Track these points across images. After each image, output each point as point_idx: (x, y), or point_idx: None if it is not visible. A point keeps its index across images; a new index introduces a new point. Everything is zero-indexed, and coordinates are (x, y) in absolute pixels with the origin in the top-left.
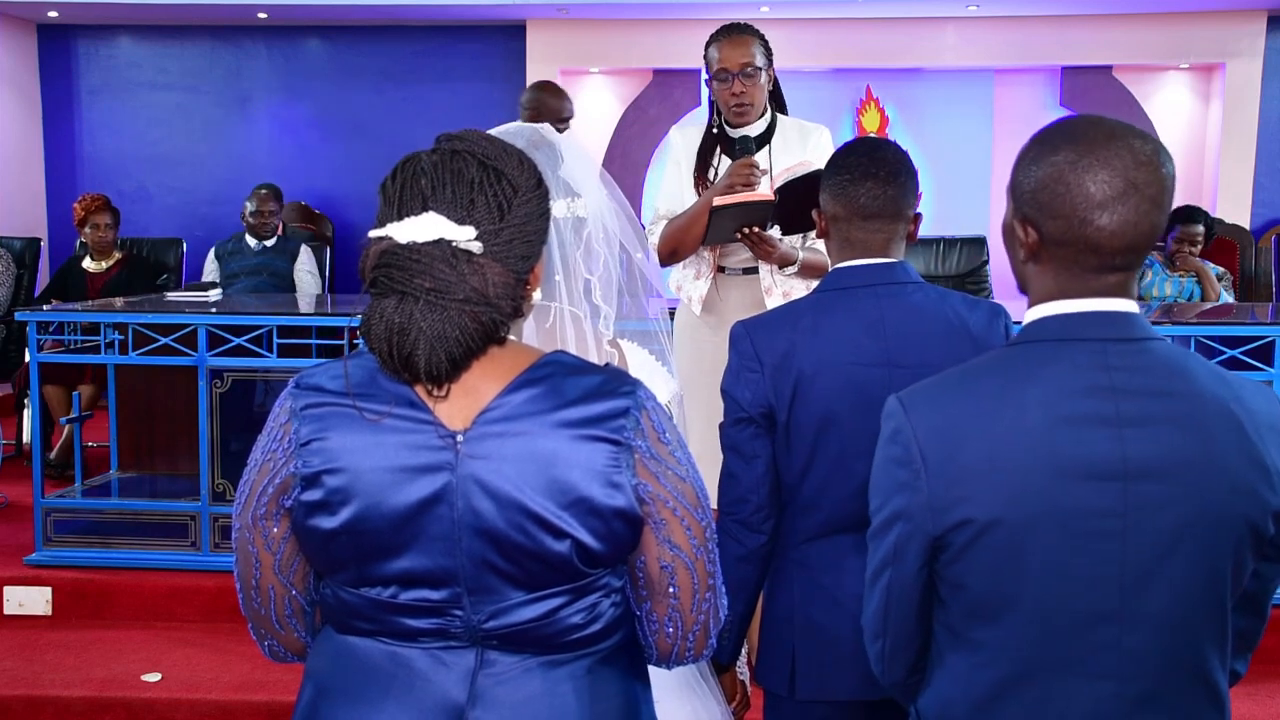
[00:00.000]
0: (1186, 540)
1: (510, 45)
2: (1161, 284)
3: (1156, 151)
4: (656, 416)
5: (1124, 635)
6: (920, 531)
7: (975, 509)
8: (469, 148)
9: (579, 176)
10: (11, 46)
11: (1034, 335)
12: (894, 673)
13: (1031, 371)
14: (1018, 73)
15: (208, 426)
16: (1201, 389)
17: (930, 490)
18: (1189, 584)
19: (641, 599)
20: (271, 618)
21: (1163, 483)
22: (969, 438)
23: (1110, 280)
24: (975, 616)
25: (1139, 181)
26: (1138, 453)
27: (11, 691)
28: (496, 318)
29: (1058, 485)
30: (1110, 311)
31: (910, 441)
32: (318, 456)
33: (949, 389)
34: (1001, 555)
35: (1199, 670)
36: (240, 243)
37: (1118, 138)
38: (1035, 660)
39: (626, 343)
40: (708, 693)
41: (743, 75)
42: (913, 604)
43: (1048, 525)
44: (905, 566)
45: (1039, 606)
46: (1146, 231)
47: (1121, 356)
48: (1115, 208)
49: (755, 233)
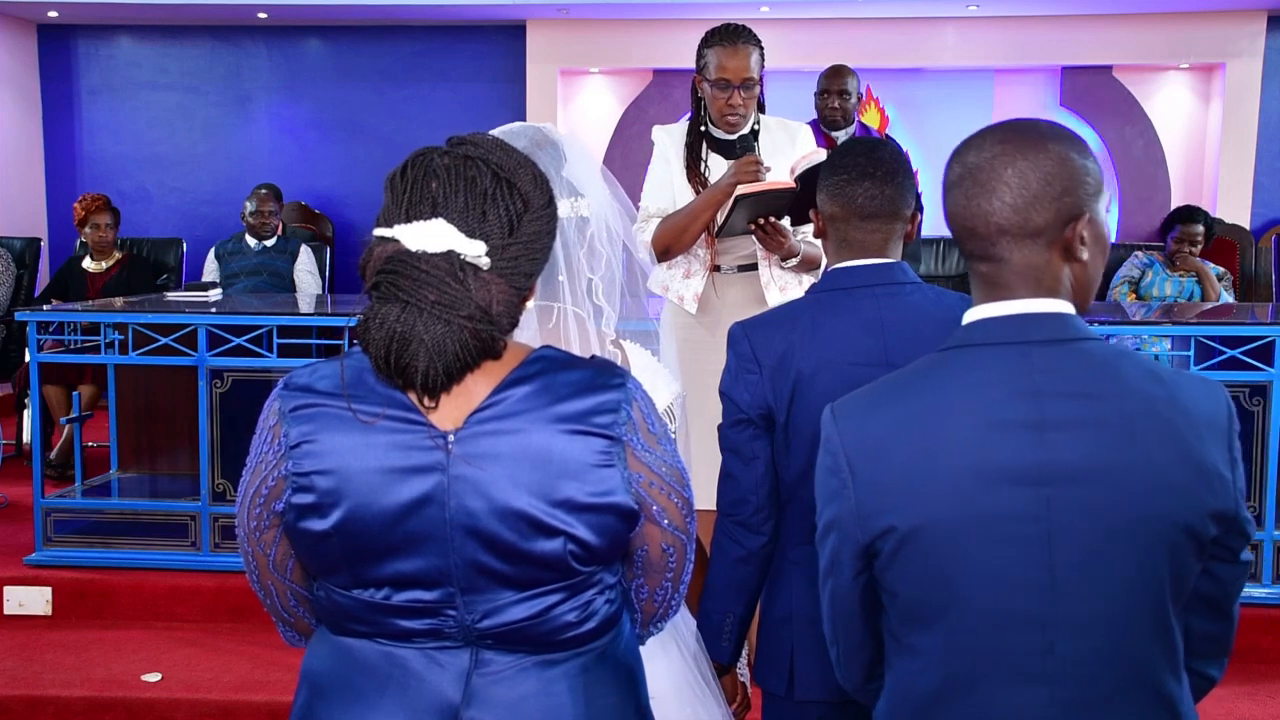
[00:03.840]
0: (1114, 543)
1: (510, 45)
2: (1161, 284)
3: (963, 146)
4: (645, 406)
5: (1057, 641)
6: (850, 540)
7: (898, 517)
8: (483, 155)
9: (583, 176)
10: (11, 46)
11: (962, 340)
12: (851, 678)
13: (956, 377)
14: (1018, 73)
15: (208, 426)
16: (1133, 390)
17: (857, 499)
18: (1121, 587)
19: (635, 576)
20: (279, 608)
21: (1086, 486)
22: (892, 446)
23: (987, 270)
24: (911, 623)
25: (972, 169)
26: (1060, 456)
27: (11, 691)
28: (496, 334)
29: (979, 490)
30: (1039, 313)
31: (838, 451)
32: (308, 458)
33: (876, 397)
34: (927, 562)
35: (1143, 676)
36: (240, 243)
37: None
38: (970, 666)
39: (629, 344)
40: (709, 694)
41: (742, 88)
42: (854, 611)
43: (971, 531)
44: (842, 574)
45: (969, 613)
46: (977, 214)
47: (1046, 359)
48: (955, 192)
49: (770, 223)
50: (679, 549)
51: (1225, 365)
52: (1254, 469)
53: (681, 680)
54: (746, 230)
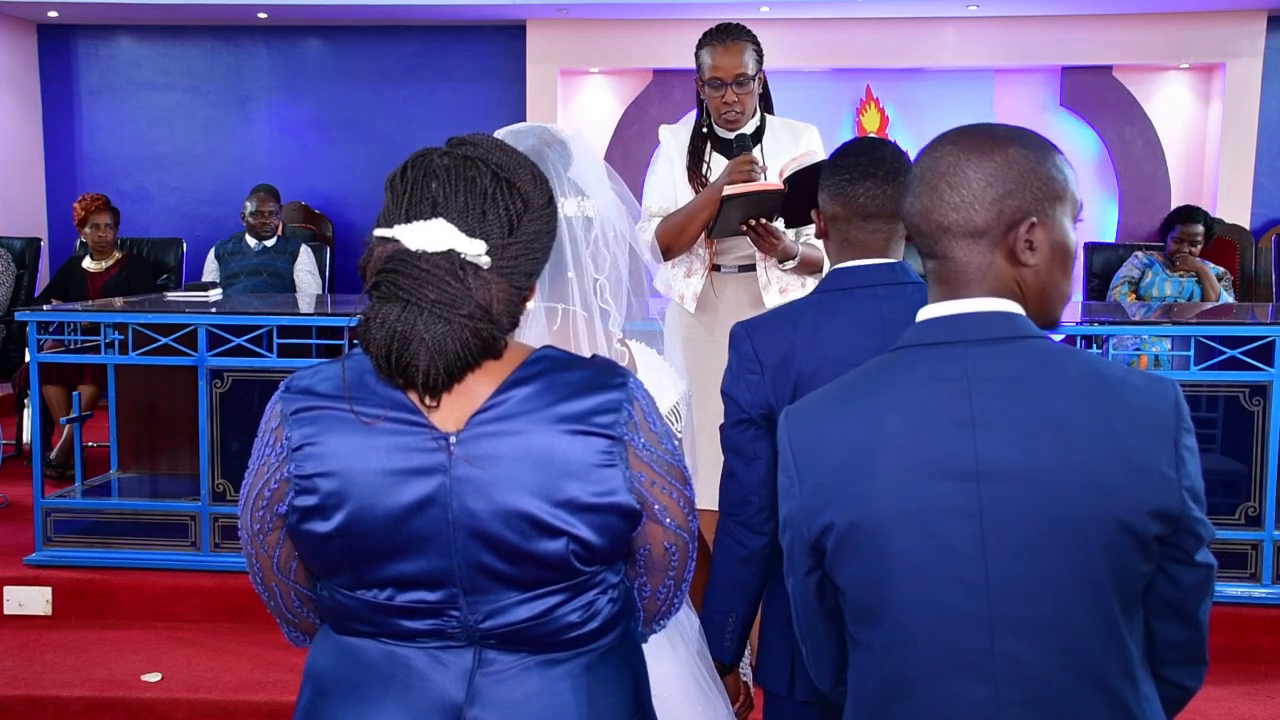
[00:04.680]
0: (1048, 542)
1: (510, 45)
2: (1161, 284)
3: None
4: (646, 405)
5: (996, 639)
6: (800, 538)
7: (836, 513)
8: (483, 155)
9: (589, 177)
10: (11, 46)
11: (908, 340)
12: (822, 678)
13: (895, 376)
14: (1018, 73)
15: (208, 426)
16: (1069, 388)
17: (803, 497)
18: (1059, 587)
19: (638, 574)
20: (283, 608)
21: (1016, 483)
22: (831, 444)
23: (935, 268)
24: (859, 620)
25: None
26: (991, 453)
27: (11, 691)
28: (497, 333)
29: (912, 487)
30: (980, 312)
31: (787, 450)
32: (310, 461)
33: (826, 398)
34: (866, 559)
35: (1090, 677)
36: (240, 243)
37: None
38: (914, 664)
39: (635, 343)
40: (712, 693)
41: (735, 85)
42: (814, 609)
43: (904, 527)
44: (796, 571)
45: (910, 610)
46: (920, 212)
47: (983, 358)
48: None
49: (761, 224)
50: (681, 547)
51: (1225, 365)
52: (1254, 469)
53: (686, 679)
54: (739, 231)
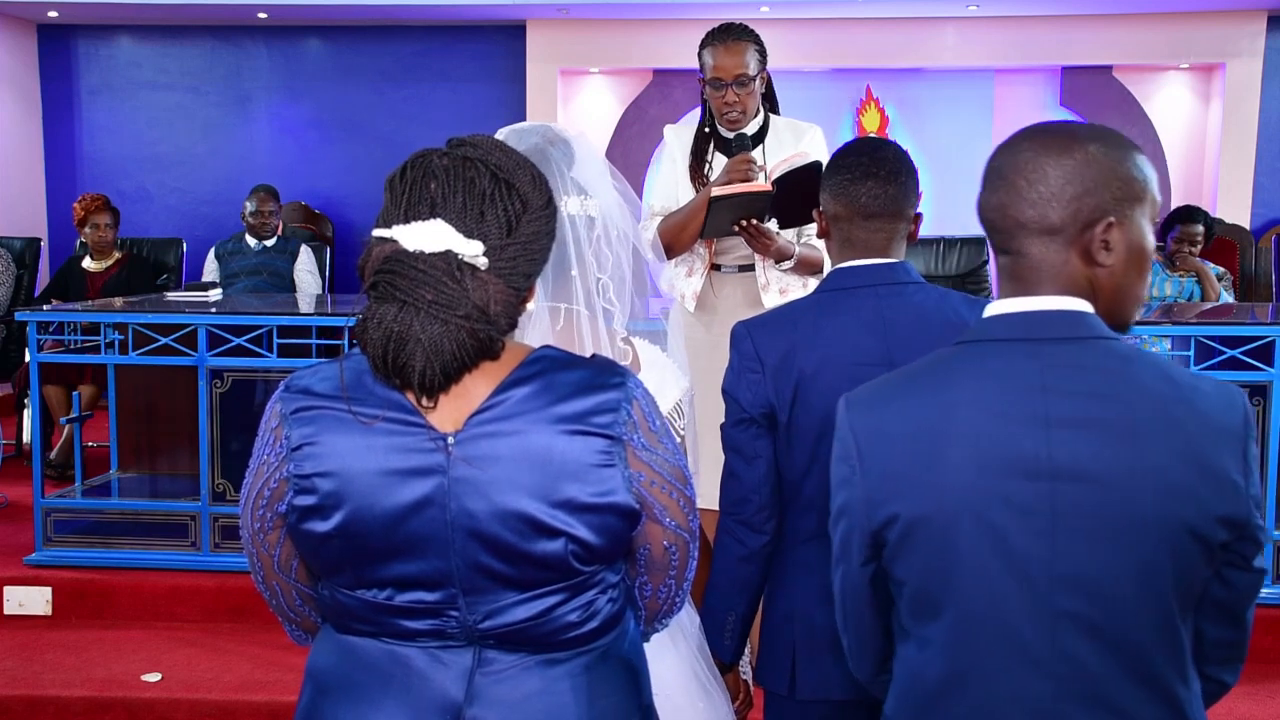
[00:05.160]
0: (1116, 543)
1: (510, 45)
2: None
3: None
4: (646, 405)
5: (1058, 637)
6: (859, 528)
7: (903, 505)
8: (482, 156)
9: (591, 176)
10: (11, 46)
11: (976, 335)
12: (863, 669)
13: (967, 371)
14: (1018, 73)
15: (208, 426)
16: (1143, 391)
17: (865, 486)
18: (1122, 588)
19: (639, 574)
20: (284, 607)
21: (1089, 484)
22: (899, 435)
23: (1007, 264)
24: (917, 613)
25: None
26: (1065, 453)
27: (11, 691)
28: (494, 334)
29: (985, 483)
30: (1053, 310)
31: (848, 438)
32: (309, 461)
33: (890, 388)
34: (931, 552)
35: (1148, 677)
36: (240, 243)
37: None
38: (974, 659)
39: (639, 340)
40: (712, 691)
41: (736, 85)
42: (864, 600)
43: (973, 522)
44: (851, 562)
45: (973, 604)
46: (996, 206)
47: (1057, 356)
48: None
49: (753, 225)
50: (682, 547)
51: (1225, 365)
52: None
53: (687, 676)
54: (730, 231)
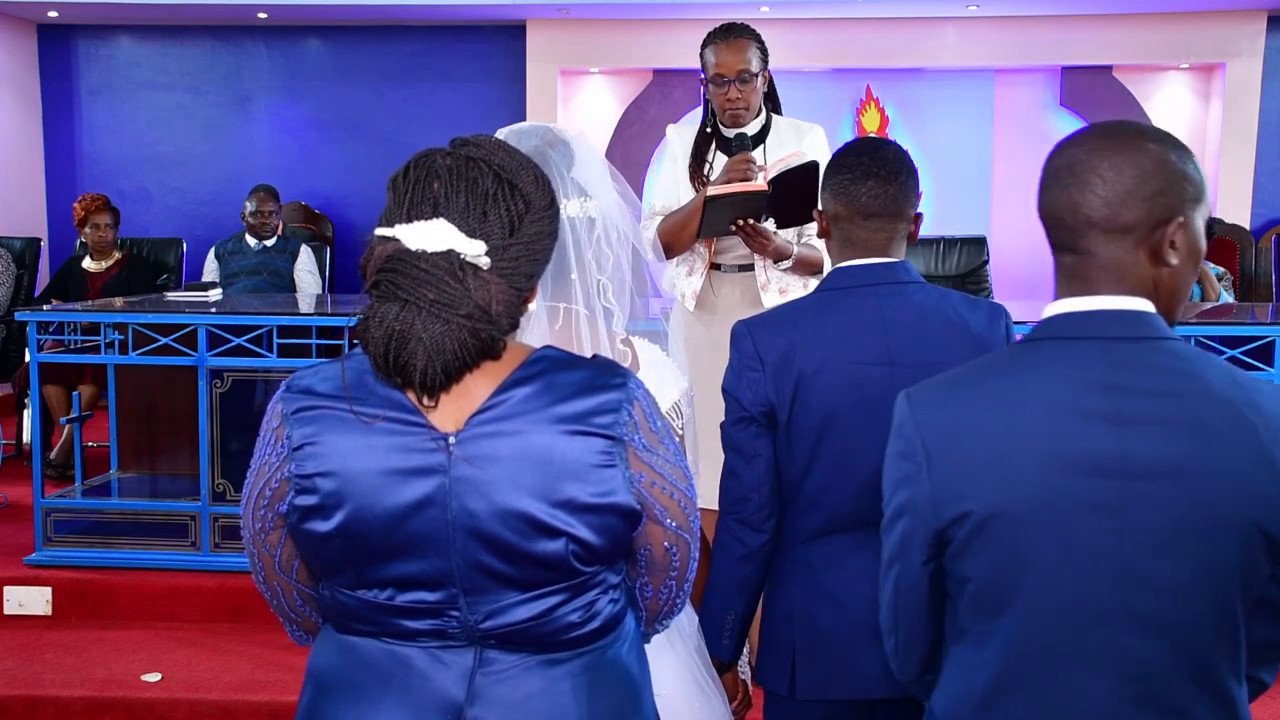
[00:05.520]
0: (1186, 542)
1: (510, 45)
2: None
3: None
4: (646, 405)
5: (1123, 635)
6: (924, 525)
7: (975, 502)
8: (485, 156)
9: (591, 177)
10: (11, 46)
11: (1042, 333)
12: (907, 670)
13: (1036, 368)
14: (1018, 73)
15: (208, 426)
16: (1212, 391)
17: (933, 483)
18: (1190, 587)
19: (639, 574)
20: (285, 607)
21: (1162, 483)
22: (971, 432)
23: (1071, 263)
24: (979, 611)
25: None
26: (1138, 451)
27: (11, 691)
28: (495, 334)
29: (1057, 480)
30: (1120, 310)
31: (914, 435)
32: (310, 461)
33: (954, 385)
34: (1002, 548)
35: (1206, 675)
36: (240, 243)
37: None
38: (1036, 656)
39: (638, 340)
40: (710, 692)
41: (738, 81)
42: (921, 599)
43: (1046, 520)
44: (911, 561)
45: (1039, 601)
46: (1067, 204)
47: (1126, 355)
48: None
49: (750, 225)
50: (683, 548)
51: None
52: None
53: (684, 677)
54: (727, 231)
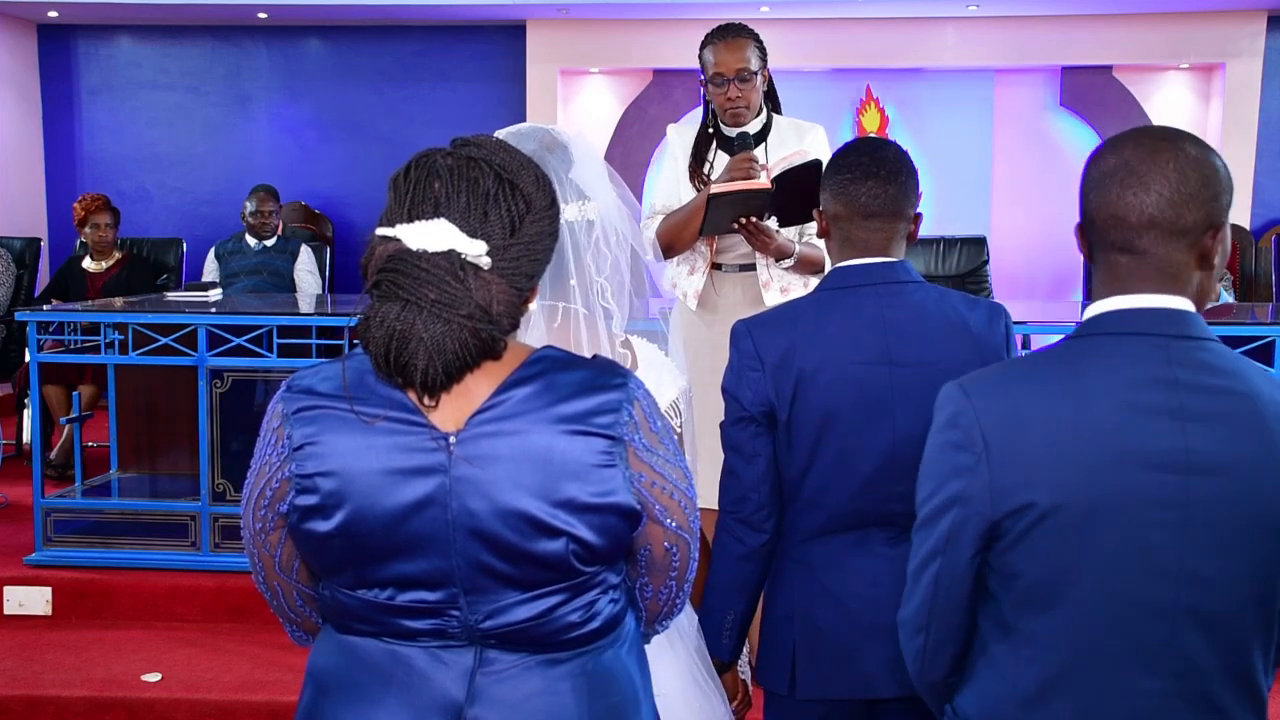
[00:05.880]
0: (1242, 539)
1: (510, 45)
2: None
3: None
4: (647, 405)
5: (1175, 632)
6: (978, 516)
7: (1038, 494)
8: (486, 156)
9: (590, 179)
10: (11, 46)
11: (1093, 329)
12: (934, 670)
13: (1095, 362)
14: (1018, 73)
15: (208, 426)
16: (1260, 391)
17: (992, 474)
18: (1242, 583)
19: (639, 574)
20: (285, 608)
21: (1223, 478)
22: (1033, 423)
23: (1126, 262)
24: (1028, 607)
25: (1136, 166)
26: (1200, 446)
27: (11, 691)
28: (496, 334)
29: (1121, 473)
30: (1168, 309)
31: (972, 425)
32: (311, 460)
33: (1010, 376)
34: (1061, 541)
35: (1244, 673)
36: (240, 243)
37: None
38: (1087, 654)
39: (637, 340)
40: (710, 691)
41: (738, 80)
42: (962, 595)
43: (1109, 513)
44: (959, 554)
45: (1094, 597)
46: (1131, 204)
47: (1182, 352)
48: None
49: (752, 223)
50: (683, 548)
51: None
52: None
53: (685, 677)
54: (730, 229)
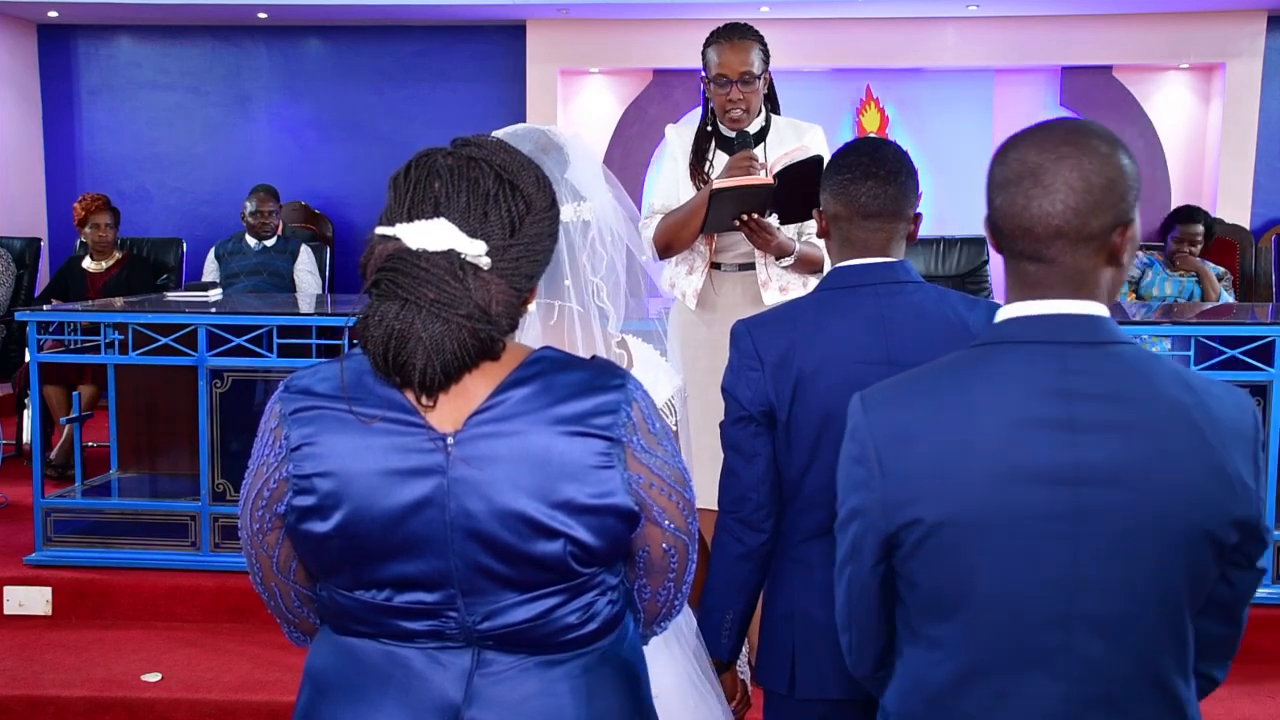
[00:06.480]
0: (1136, 547)
1: (510, 45)
2: (1162, 284)
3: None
4: (645, 406)
5: (1074, 639)
6: (874, 529)
7: (925, 509)
8: (486, 156)
9: (586, 179)
10: (11, 46)
11: (996, 337)
12: (861, 666)
13: (988, 373)
14: (1018, 73)
15: (208, 426)
16: (1163, 395)
17: (883, 489)
18: (1140, 590)
19: (637, 576)
20: (283, 609)
21: (1113, 488)
22: (920, 438)
23: (1034, 271)
24: (929, 614)
25: (1038, 168)
26: (1089, 458)
27: (11, 691)
28: (495, 334)
29: (1007, 488)
30: (1075, 314)
31: (866, 440)
32: (309, 461)
33: (908, 389)
34: (951, 555)
35: (1155, 677)
36: (240, 243)
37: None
38: (987, 660)
39: (633, 339)
40: (709, 692)
41: (741, 83)
42: (872, 600)
43: (997, 527)
44: (862, 563)
45: (989, 607)
46: (1037, 215)
47: (1080, 360)
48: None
49: (754, 219)
50: (681, 550)
51: (1225, 365)
52: None
53: (682, 678)
54: (732, 226)
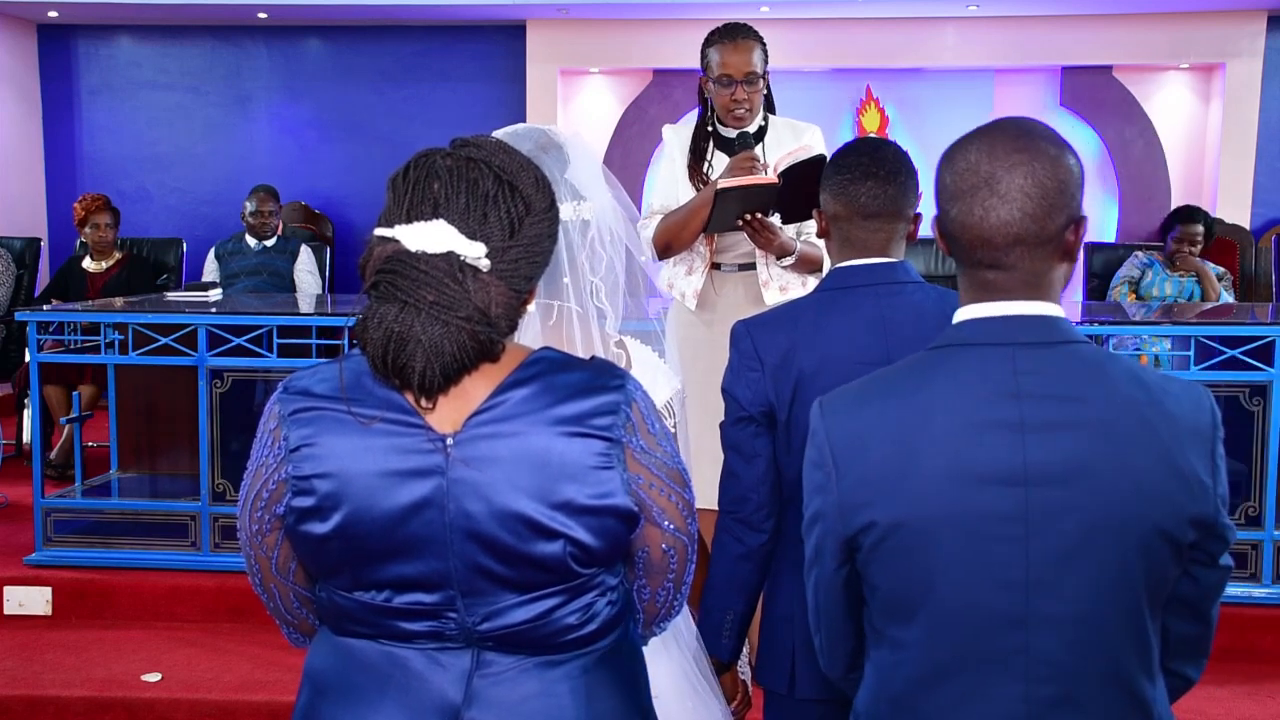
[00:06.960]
0: (1091, 546)
1: (510, 45)
2: (1161, 284)
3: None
4: (644, 407)
5: (1031, 639)
6: (833, 533)
7: (879, 512)
8: (486, 157)
9: (585, 179)
10: (11, 46)
11: (951, 339)
12: (834, 668)
13: (941, 376)
14: (1018, 73)
15: (208, 426)
16: (1116, 394)
17: (840, 492)
18: (1096, 589)
19: (637, 577)
20: (282, 610)
21: (1065, 488)
22: (875, 442)
23: (993, 278)
24: (891, 616)
25: (991, 177)
26: (1040, 458)
27: (11, 691)
28: (494, 336)
29: (959, 490)
30: (1028, 315)
31: (824, 445)
32: (308, 462)
33: (864, 393)
34: (907, 558)
35: (1116, 676)
36: (240, 243)
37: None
38: (948, 661)
39: (631, 340)
40: (708, 692)
41: (745, 83)
42: (838, 602)
43: (950, 530)
44: (825, 566)
45: (948, 609)
46: (995, 224)
47: (1031, 361)
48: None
49: (757, 219)
50: (680, 550)
51: (1225, 365)
52: (1254, 469)
53: (682, 679)
54: (735, 226)
